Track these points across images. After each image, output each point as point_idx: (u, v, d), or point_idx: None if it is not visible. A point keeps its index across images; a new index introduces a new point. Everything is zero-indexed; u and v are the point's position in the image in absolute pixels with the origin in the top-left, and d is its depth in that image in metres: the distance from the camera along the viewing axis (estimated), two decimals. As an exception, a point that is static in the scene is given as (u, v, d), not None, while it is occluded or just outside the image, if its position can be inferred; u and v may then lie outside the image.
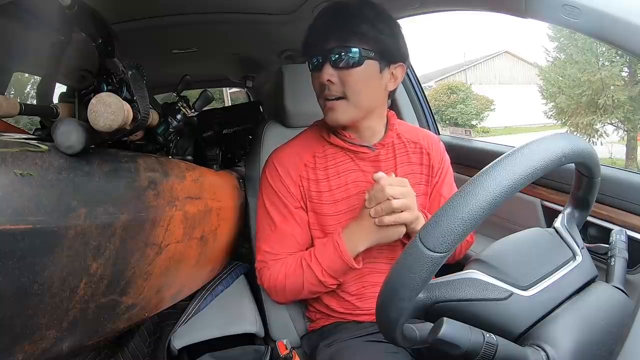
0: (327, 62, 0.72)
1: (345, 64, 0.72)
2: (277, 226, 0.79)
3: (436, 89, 12.25)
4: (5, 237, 0.41)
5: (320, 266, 0.74)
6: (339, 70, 0.72)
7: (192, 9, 1.11)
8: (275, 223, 0.80)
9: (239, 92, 4.94)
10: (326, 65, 0.72)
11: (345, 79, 0.72)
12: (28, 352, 0.48)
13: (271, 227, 0.80)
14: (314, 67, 0.76)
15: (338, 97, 0.74)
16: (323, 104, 0.77)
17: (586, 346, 0.44)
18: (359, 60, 0.72)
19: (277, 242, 0.79)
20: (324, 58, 0.73)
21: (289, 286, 0.77)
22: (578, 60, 7.65)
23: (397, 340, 0.45)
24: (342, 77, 0.72)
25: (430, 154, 0.86)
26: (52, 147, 0.47)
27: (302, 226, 0.80)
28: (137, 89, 0.61)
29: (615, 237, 0.57)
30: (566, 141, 0.45)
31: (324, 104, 0.77)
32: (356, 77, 0.73)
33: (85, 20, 0.57)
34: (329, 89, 0.73)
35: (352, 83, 0.73)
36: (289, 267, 0.77)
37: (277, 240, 0.79)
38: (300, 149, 0.83)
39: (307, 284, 0.75)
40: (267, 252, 0.80)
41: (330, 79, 0.72)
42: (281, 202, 0.80)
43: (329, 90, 0.73)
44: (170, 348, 0.87)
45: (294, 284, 0.76)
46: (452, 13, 1.14)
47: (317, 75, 0.74)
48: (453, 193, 0.41)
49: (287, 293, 0.78)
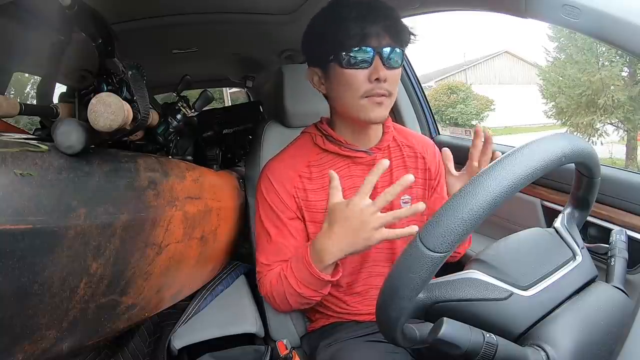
0: (379, 59, 0.70)
1: (396, 64, 0.72)
2: (272, 238, 0.79)
3: (436, 89, 12.26)
4: (5, 237, 0.41)
5: (295, 278, 0.72)
6: (388, 69, 0.71)
7: (192, 9, 1.11)
8: (270, 235, 0.79)
9: (239, 92, 4.95)
10: (378, 62, 0.70)
11: (391, 77, 0.72)
12: (28, 352, 0.48)
13: (267, 239, 0.80)
14: (361, 63, 0.70)
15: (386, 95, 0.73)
16: (367, 102, 0.72)
17: (586, 346, 0.44)
18: (402, 62, 0.73)
19: (272, 254, 0.79)
20: (376, 55, 0.70)
21: (276, 296, 0.76)
22: (578, 60, 7.65)
23: (397, 340, 0.45)
24: (389, 75, 0.71)
25: (425, 158, 0.86)
26: (52, 147, 0.47)
27: (297, 237, 0.79)
28: (137, 89, 0.61)
29: (615, 237, 0.57)
30: (566, 141, 0.45)
31: (369, 101, 0.72)
32: (398, 77, 0.74)
33: (85, 20, 0.57)
34: (381, 87, 0.71)
35: (395, 82, 0.73)
36: (273, 278, 0.76)
37: (272, 252, 0.79)
38: (294, 159, 0.81)
39: (289, 296, 0.73)
40: (264, 263, 0.79)
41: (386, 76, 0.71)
42: (275, 215, 0.79)
43: (381, 87, 0.71)
44: (170, 348, 0.87)
45: (279, 295, 0.75)
46: (452, 13, 1.14)
47: (366, 71, 0.71)
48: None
49: (278, 303, 0.77)
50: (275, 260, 0.78)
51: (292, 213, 0.79)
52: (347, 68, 0.71)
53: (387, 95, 0.72)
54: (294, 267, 0.72)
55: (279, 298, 0.76)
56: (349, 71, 0.71)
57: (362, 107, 0.73)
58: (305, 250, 0.70)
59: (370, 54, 0.70)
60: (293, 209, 0.79)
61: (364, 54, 0.70)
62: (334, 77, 0.74)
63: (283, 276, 0.73)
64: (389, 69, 0.71)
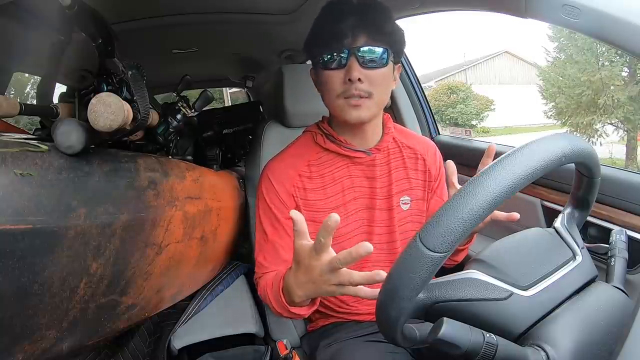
0: (355, 60, 0.70)
1: (374, 63, 0.71)
2: (269, 238, 0.79)
3: (436, 89, 12.25)
4: (5, 237, 0.41)
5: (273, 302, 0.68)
6: (366, 69, 0.70)
7: (192, 9, 1.11)
8: (267, 234, 0.79)
9: (239, 92, 4.94)
10: (354, 63, 0.70)
11: (371, 77, 0.71)
12: (28, 352, 0.48)
13: (264, 239, 0.79)
14: (336, 63, 0.71)
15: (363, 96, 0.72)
16: (344, 103, 0.72)
17: (586, 346, 0.44)
18: (385, 61, 0.72)
19: (268, 253, 0.78)
20: (351, 55, 0.70)
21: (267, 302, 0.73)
22: (578, 60, 7.64)
23: (397, 340, 0.45)
24: (368, 75, 0.71)
25: (425, 160, 0.86)
26: (52, 147, 0.47)
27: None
28: (137, 89, 0.61)
29: (615, 237, 0.57)
30: (566, 141, 0.45)
31: (345, 102, 0.72)
32: (381, 77, 0.72)
33: (85, 20, 0.57)
34: (356, 87, 0.71)
35: (378, 82, 0.72)
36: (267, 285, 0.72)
37: (269, 251, 0.78)
38: (295, 158, 0.81)
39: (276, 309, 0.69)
40: (261, 263, 0.79)
41: (360, 77, 0.70)
42: (273, 215, 0.79)
43: (356, 88, 0.71)
44: (170, 348, 0.87)
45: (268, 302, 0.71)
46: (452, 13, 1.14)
47: (342, 72, 0.71)
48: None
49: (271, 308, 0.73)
50: (273, 260, 0.78)
51: None
52: (324, 69, 0.72)
53: (365, 96, 0.71)
54: (269, 293, 0.69)
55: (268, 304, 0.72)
56: (326, 72, 0.72)
57: (339, 108, 0.73)
58: (279, 282, 0.65)
59: (345, 54, 0.70)
60: (291, 208, 0.79)
61: (338, 54, 0.71)
62: (317, 78, 0.77)
63: (269, 291, 0.70)
64: (367, 69, 0.70)
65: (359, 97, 0.71)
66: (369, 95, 0.72)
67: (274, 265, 0.78)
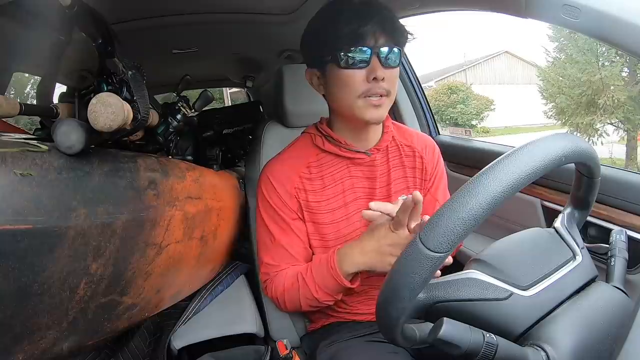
0: (377, 59, 0.70)
1: (393, 62, 0.72)
2: (276, 239, 0.79)
3: (436, 89, 12.26)
4: (5, 237, 0.41)
5: (315, 282, 0.73)
6: (385, 68, 0.71)
7: (192, 9, 1.11)
8: (274, 236, 0.79)
9: (239, 92, 4.95)
10: (376, 62, 0.70)
11: (389, 76, 0.72)
12: (28, 352, 0.48)
13: (271, 240, 0.80)
14: (359, 63, 0.70)
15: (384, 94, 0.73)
16: (365, 102, 0.72)
17: (586, 346, 0.44)
18: (399, 61, 0.73)
19: (277, 254, 0.79)
20: (373, 54, 0.70)
21: (287, 299, 0.77)
22: (578, 60, 7.64)
23: (397, 340, 0.45)
24: (387, 74, 0.71)
25: (423, 157, 0.86)
26: (52, 147, 0.47)
27: (302, 237, 0.79)
28: (137, 89, 0.61)
29: (615, 237, 0.57)
30: (566, 141, 0.45)
31: (366, 102, 0.72)
32: (396, 76, 0.74)
33: (85, 20, 0.57)
34: (379, 86, 0.71)
35: (393, 81, 0.73)
36: (287, 280, 0.76)
37: (277, 252, 0.79)
38: (294, 160, 0.81)
39: (303, 299, 0.74)
40: (269, 264, 0.79)
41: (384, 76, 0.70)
42: (278, 216, 0.79)
43: (379, 87, 0.71)
44: (170, 348, 0.87)
45: (292, 298, 0.76)
46: (452, 13, 1.14)
47: (363, 71, 0.70)
48: (447, 198, 0.41)
49: (287, 305, 0.78)
50: (282, 261, 0.78)
51: (294, 213, 0.79)
52: (344, 68, 0.71)
53: (385, 94, 0.72)
54: (314, 272, 0.73)
55: (290, 300, 0.76)
56: (346, 71, 0.71)
57: (359, 108, 0.73)
58: (331, 256, 0.71)
59: (367, 53, 0.70)
60: (294, 209, 0.79)
61: (361, 53, 0.70)
62: (331, 77, 0.74)
63: (301, 279, 0.74)
64: (387, 68, 0.71)
65: (381, 95, 0.72)
66: (387, 94, 0.73)
67: (284, 264, 0.78)
